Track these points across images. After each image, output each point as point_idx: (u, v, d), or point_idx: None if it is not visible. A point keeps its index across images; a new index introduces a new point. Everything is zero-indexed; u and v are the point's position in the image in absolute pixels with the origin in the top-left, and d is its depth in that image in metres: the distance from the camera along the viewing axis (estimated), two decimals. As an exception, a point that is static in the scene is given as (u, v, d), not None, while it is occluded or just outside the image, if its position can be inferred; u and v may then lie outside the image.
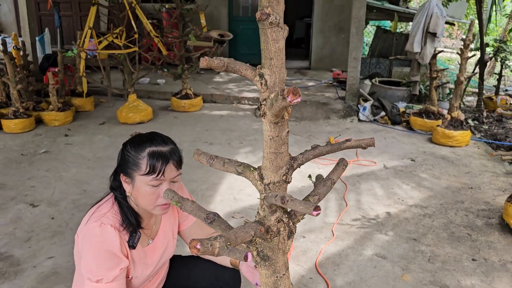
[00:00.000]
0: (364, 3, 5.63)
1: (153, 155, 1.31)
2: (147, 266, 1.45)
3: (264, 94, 0.90)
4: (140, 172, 1.32)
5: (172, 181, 1.36)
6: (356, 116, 5.64)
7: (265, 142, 0.96)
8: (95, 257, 1.30)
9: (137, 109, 5.28)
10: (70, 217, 3.08)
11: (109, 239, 1.31)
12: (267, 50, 0.87)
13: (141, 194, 1.33)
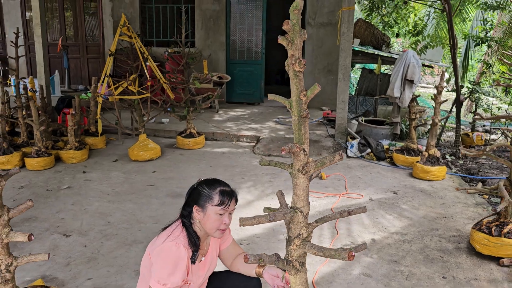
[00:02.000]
0: (350, 53, 6.35)
1: (223, 192, 1.88)
2: (199, 277, 1.97)
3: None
4: (212, 203, 1.86)
5: (230, 212, 1.91)
6: (344, 153, 6.23)
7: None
8: (168, 267, 1.82)
9: (147, 147, 5.83)
10: (100, 245, 3.56)
11: (181, 256, 1.83)
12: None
13: (210, 221, 1.86)
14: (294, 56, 1.44)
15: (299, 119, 1.52)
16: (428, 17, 8.82)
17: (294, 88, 1.51)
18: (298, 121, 1.52)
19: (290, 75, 1.49)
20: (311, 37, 8.91)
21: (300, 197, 1.60)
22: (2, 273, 1.71)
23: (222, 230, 1.91)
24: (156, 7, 9.57)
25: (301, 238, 1.59)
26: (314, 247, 1.60)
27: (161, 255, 1.85)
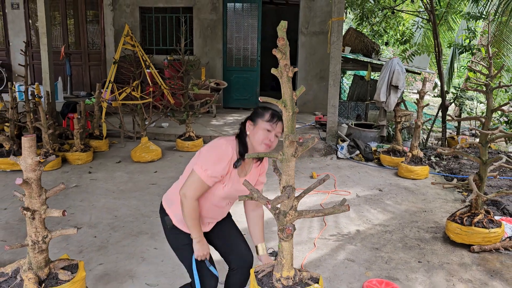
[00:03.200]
0: (339, 60, 6.75)
1: (274, 113, 2.15)
2: (233, 188, 2.21)
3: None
4: (263, 119, 2.14)
5: (276, 135, 2.15)
6: (335, 154, 6.61)
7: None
8: (213, 157, 2.12)
9: (149, 149, 6.18)
10: (109, 235, 3.91)
11: (228, 154, 2.13)
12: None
13: (258, 134, 2.13)
14: (287, 65, 1.82)
15: (293, 114, 1.89)
16: (415, 27, 9.26)
17: (287, 90, 1.88)
18: (291, 117, 1.89)
19: (284, 80, 1.85)
20: (304, 45, 9.32)
21: (291, 177, 1.95)
22: (39, 243, 2.05)
23: (266, 144, 2.13)
24: (156, 17, 9.97)
25: (294, 209, 1.96)
26: (312, 211, 1.96)
27: (211, 147, 2.16)
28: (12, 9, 10.58)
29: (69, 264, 2.27)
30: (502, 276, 3.33)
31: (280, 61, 1.83)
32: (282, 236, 2.00)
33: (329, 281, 3.22)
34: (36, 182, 1.94)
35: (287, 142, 1.90)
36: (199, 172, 2.12)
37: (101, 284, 3.14)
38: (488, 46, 3.98)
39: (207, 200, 2.26)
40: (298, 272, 2.13)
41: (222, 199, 2.27)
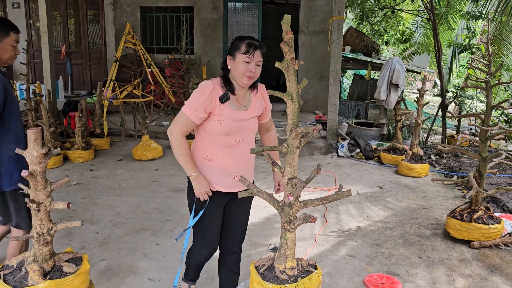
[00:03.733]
0: (340, 59, 6.78)
1: (250, 43, 2.17)
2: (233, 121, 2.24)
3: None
4: (240, 51, 2.16)
5: (256, 64, 2.18)
6: (335, 153, 6.63)
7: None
8: (195, 94, 2.23)
9: (150, 147, 6.21)
10: (111, 232, 3.93)
11: (208, 86, 2.20)
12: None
13: (238, 67, 2.17)
14: (293, 58, 1.84)
15: (298, 107, 1.92)
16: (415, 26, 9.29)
17: (294, 83, 1.90)
18: (297, 109, 1.92)
19: (290, 73, 1.87)
20: (304, 44, 9.35)
21: (295, 168, 1.98)
22: (44, 236, 2.08)
23: (248, 76, 2.17)
24: (157, 16, 9.99)
25: (298, 199, 1.98)
26: (316, 200, 1.99)
27: (196, 89, 2.27)
28: (13, 8, 10.60)
29: (74, 257, 2.29)
30: (502, 272, 3.35)
31: (286, 55, 1.86)
32: (289, 227, 2.03)
33: (331, 276, 3.24)
34: (41, 175, 1.96)
35: (293, 134, 1.93)
36: (184, 109, 2.24)
37: (103, 279, 3.16)
38: (488, 43, 4.00)
39: (214, 142, 2.29)
40: (299, 261, 2.16)
41: (226, 135, 2.27)
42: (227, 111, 2.23)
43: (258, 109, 2.36)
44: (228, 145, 2.30)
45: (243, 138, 2.32)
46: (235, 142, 2.30)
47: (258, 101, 2.36)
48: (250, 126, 2.33)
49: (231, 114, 2.24)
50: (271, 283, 2.05)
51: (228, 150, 2.31)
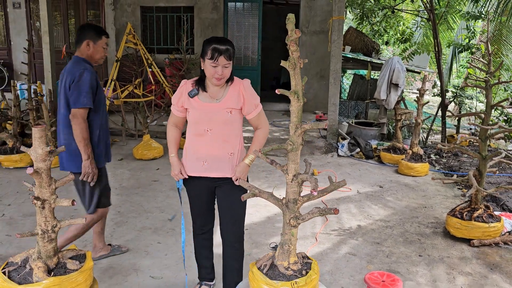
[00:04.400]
0: (340, 59, 6.80)
1: (214, 49, 2.32)
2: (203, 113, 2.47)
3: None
4: (206, 56, 2.35)
5: (224, 66, 2.36)
6: (335, 152, 6.66)
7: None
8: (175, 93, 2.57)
9: (151, 147, 6.22)
10: (113, 230, 3.95)
11: (181, 85, 2.54)
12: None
13: (207, 70, 2.39)
14: (299, 57, 1.87)
15: (302, 105, 1.96)
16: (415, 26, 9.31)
17: (299, 81, 1.93)
18: (301, 107, 1.96)
19: (296, 71, 1.90)
20: (305, 44, 9.37)
21: (298, 165, 2.02)
22: (49, 232, 2.09)
23: (217, 78, 2.38)
24: (157, 16, 10.02)
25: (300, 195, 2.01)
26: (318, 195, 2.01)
27: None
28: (14, 8, 10.61)
29: (77, 254, 2.31)
30: (501, 269, 3.37)
31: (293, 53, 1.88)
32: (295, 223, 2.05)
33: (331, 274, 3.26)
34: (46, 172, 1.98)
35: (298, 131, 1.95)
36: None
37: (106, 276, 3.18)
38: (488, 43, 4.03)
39: (189, 131, 2.57)
40: (298, 255, 2.19)
41: (196, 124, 2.51)
42: (195, 104, 2.48)
43: (233, 102, 2.48)
44: (197, 134, 2.52)
45: (211, 128, 2.49)
46: (203, 131, 2.50)
47: (233, 95, 2.49)
48: (220, 118, 2.48)
49: (199, 106, 2.47)
50: (280, 281, 2.06)
51: (197, 139, 2.53)
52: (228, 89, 2.48)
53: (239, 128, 2.57)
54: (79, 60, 3.01)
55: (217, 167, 2.53)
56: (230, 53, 2.37)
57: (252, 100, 2.52)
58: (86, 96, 2.85)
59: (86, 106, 2.87)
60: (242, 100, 2.50)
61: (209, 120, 2.47)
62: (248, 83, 2.54)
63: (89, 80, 2.88)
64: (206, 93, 2.47)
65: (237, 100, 2.48)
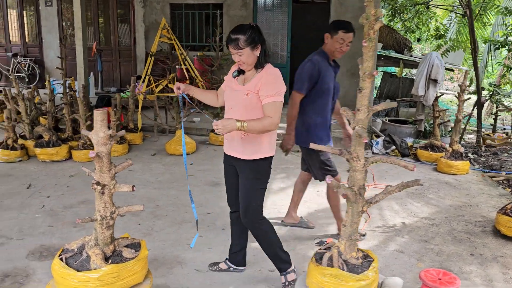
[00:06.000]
0: (375, 54, 6.64)
1: (227, 38, 2.52)
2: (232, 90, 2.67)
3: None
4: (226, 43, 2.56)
5: (237, 53, 2.49)
6: (370, 150, 6.51)
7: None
8: None
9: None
10: (153, 223, 3.91)
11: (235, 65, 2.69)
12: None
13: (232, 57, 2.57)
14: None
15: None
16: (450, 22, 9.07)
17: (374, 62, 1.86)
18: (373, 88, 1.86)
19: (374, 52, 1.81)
20: (335, 41, 9.22)
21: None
22: (107, 219, 2.05)
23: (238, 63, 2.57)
24: (186, 13, 10.02)
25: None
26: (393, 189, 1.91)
27: None
28: (46, 6, 10.78)
29: (132, 242, 2.26)
30: (561, 271, 3.20)
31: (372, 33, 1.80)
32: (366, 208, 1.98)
33: (381, 271, 3.13)
34: (107, 156, 1.93)
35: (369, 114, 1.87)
36: None
37: (151, 268, 3.10)
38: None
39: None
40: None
41: (226, 101, 2.72)
42: (232, 84, 2.70)
43: (252, 87, 2.55)
44: (226, 110, 2.70)
45: (231, 107, 2.65)
46: (228, 108, 2.68)
47: (256, 81, 2.55)
48: (239, 98, 2.59)
49: (231, 84, 2.69)
50: (359, 273, 1.97)
51: (226, 114, 2.69)
52: (256, 75, 2.57)
53: (257, 113, 2.56)
54: (319, 51, 3.30)
55: (231, 146, 2.70)
56: (239, 42, 2.46)
57: (268, 87, 2.51)
58: (302, 83, 3.21)
59: (299, 91, 3.23)
60: (259, 85, 2.53)
61: (231, 99, 2.66)
62: (272, 71, 2.57)
63: (309, 70, 3.19)
64: (242, 77, 2.65)
65: (256, 85, 2.54)
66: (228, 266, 3.11)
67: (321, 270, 2.04)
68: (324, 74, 3.23)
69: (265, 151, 2.64)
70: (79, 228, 3.80)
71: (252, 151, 2.62)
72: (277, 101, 2.51)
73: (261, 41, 2.52)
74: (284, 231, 3.80)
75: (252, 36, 2.47)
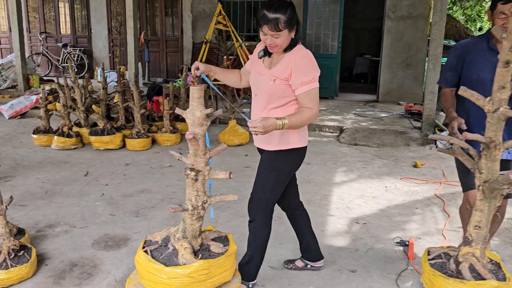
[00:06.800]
0: (441, 43, 6.21)
1: (262, 16, 2.13)
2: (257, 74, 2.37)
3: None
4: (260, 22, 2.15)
5: (273, 36, 2.13)
6: (434, 144, 6.10)
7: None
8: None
9: (237, 132, 6.00)
10: (216, 215, 3.72)
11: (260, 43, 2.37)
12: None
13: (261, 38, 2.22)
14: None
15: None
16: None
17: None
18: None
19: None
20: (390, 31, 8.78)
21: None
22: (198, 209, 1.84)
23: (268, 46, 2.21)
24: (234, 3, 9.82)
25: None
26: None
27: None
28: (95, -4, 10.85)
29: (218, 236, 2.05)
30: None
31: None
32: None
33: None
34: (203, 139, 1.72)
35: None
36: None
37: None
38: None
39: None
40: None
41: (251, 86, 2.44)
42: (257, 66, 2.41)
43: (280, 72, 2.25)
44: (253, 97, 2.44)
45: (257, 94, 2.39)
46: (253, 95, 2.42)
47: (284, 65, 2.25)
48: (264, 84, 2.32)
49: (256, 67, 2.40)
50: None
51: (252, 102, 2.44)
52: (284, 58, 2.26)
53: (285, 102, 2.29)
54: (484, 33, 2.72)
55: (257, 137, 2.39)
56: (279, 22, 2.11)
57: (300, 73, 2.20)
58: (442, 73, 2.77)
59: (438, 83, 2.81)
60: (289, 71, 2.22)
61: (257, 85, 2.39)
62: (304, 53, 2.23)
63: (449, 59, 2.69)
64: (269, 59, 2.35)
65: (284, 69, 2.24)
66: (305, 264, 2.86)
67: (474, 286, 1.68)
68: (471, 61, 2.58)
69: (293, 141, 2.35)
70: (141, 218, 3.66)
71: (278, 142, 2.34)
72: (313, 89, 2.22)
73: (298, 22, 2.21)
74: (357, 228, 3.52)
75: (291, 16, 2.14)
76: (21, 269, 2.64)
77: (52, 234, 3.33)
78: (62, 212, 3.74)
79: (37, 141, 5.77)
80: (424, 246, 3.22)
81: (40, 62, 11.30)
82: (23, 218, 3.61)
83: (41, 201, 3.97)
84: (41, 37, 11.35)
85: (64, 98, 5.85)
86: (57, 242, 3.20)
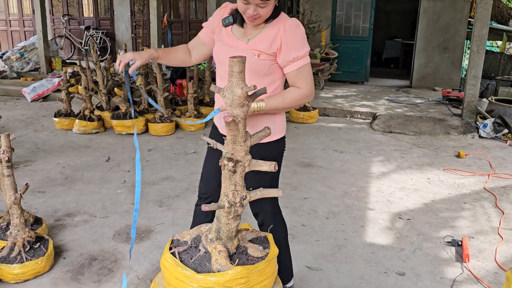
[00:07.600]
0: (487, 22, 5.71)
1: None
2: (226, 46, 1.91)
3: None
4: None
5: (257, 5, 1.73)
6: (476, 133, 5.66)
7: None
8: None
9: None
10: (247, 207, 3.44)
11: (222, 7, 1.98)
12: None
13: (237, 3, 1.78)
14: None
15: None
16: None
17: None
18: None
19: None
20: (426, 11, 8.25)
21: None
22: (236, 206, 1.55)
23: (248, 18, 1.78)
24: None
25: None
26: None
27: None
28: (117, -22, 10.60)
29: (257, 236, 1.76)
30: None
31: None
32: None
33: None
34: (243, 122, 1.42)
35: None
36: None
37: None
38: None
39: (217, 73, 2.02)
40: None
41: (218, 63, 1.96)
42: (224, 36, 1.94)
43: (264, 44, 1.83)
44: (220, 76, 1.97)
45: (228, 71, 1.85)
46: (224, 73, 1.89)
47: (269, 35, 1.84)
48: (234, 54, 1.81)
49: (226, 40, 1.92)
50: None
51: (220, 83, 1.97)
52: (265, 29, 1.85)
53: (270, 81, 1.88)
54: None
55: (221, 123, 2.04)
56: None
57: (292, 47, 1.81)
58: None
59: None
60: (278, 45, 1.82)
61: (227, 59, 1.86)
62: (294, 23, 1.83)
63: None
64: (241, 29, 1.89)
65: (271, 43, 1.83)
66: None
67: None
68: None
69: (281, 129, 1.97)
70: (165, 208, 3.42)
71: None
72: (306, 64, 1.85)
73: None
74: (401, 224, 3.19)
75: None
76: (36, 263, 2.42)
77: (71, 224, 3.12)
78: (82, 200, 3.53)
79: (58, 124, 5.58)
80: (479, 247, 2.88)
81: (63, 45, 11.16)
82: (41, 205, 3.41)
83: (61, 188, 3.77)
84: (64, 20, 11.20)
85: (86, 80, 5.64)
86: (76, 233, 2.98)
